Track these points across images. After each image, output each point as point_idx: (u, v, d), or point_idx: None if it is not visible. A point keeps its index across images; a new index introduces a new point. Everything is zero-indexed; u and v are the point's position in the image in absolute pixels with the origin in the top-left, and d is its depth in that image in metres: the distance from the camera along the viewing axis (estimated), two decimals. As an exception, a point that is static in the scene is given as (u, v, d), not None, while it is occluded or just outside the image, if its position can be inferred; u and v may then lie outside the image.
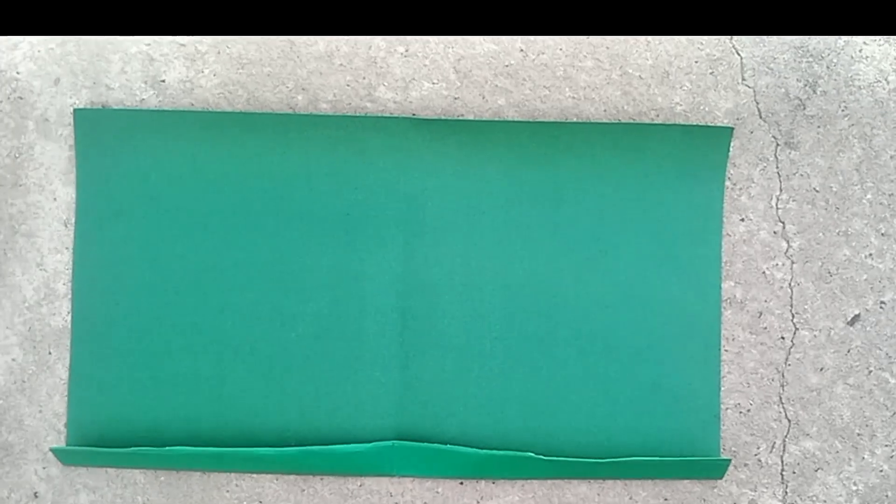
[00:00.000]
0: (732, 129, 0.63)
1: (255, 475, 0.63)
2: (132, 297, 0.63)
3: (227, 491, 0.63)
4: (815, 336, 0.64)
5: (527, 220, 0.64)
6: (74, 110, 0.63)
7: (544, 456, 0.61)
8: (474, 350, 0.63)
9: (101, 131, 0.63)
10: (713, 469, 0.62)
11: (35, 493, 0.63)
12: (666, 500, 0.64)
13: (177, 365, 0.62)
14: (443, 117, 0.64)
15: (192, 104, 0.64)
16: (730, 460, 0.62)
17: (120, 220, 0.63)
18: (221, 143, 0.63)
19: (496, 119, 0.64)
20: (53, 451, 0.62)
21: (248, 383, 0.63)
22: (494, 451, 0.62)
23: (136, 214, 0.63)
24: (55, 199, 0.64)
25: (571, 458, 0.62)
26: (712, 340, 0.63)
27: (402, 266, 0.63)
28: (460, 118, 0.64)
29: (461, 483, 0.63)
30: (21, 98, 0.64)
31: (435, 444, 0.62)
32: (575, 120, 0.64)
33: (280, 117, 0.63)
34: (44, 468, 0.63)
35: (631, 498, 0.64)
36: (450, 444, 0.62)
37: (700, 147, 0.63)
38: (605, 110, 0.64)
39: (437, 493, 0.63)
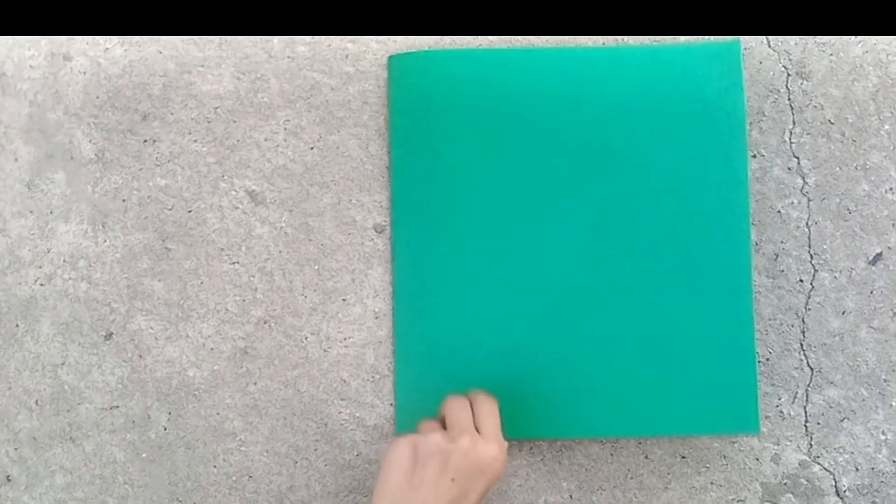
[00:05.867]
0: (740, 42, 0.58)
1: (243, 449, 0.59)
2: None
3: (215, 466, 0.59)
4: (835, 278, 0.60)
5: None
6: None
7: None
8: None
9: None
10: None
11: (7, 476, 0.58)
12: (683, 457, 0.60)
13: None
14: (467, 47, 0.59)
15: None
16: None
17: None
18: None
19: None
20: None
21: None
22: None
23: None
24: (16, 159, 0.59)
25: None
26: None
27: None
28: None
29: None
30: (-25, 53, 0.60)
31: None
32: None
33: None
34: (15, 449, 0.59)
35: (646, 457, 0.60)
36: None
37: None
38: (604, 44, 0.60)
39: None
